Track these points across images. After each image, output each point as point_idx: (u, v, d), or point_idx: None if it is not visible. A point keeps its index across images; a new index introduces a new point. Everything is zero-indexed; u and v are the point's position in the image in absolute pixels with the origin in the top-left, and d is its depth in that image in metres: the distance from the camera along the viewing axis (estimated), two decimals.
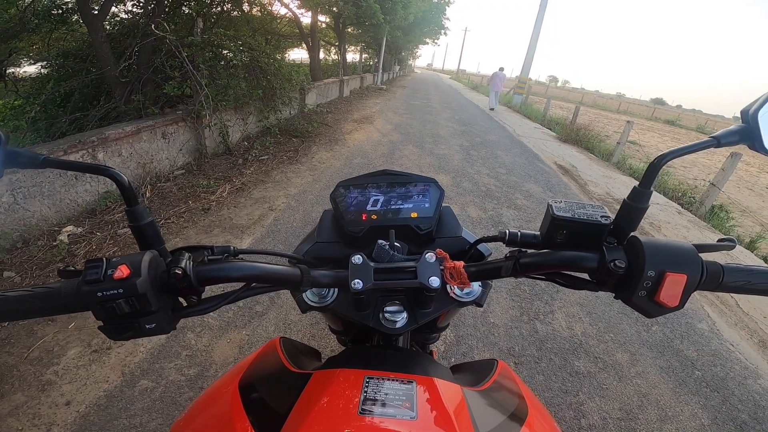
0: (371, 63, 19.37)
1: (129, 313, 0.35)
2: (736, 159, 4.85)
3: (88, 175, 2.74)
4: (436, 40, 24.70)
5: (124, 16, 4.48)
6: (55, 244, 2.29)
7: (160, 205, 3.02)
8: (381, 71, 17.21)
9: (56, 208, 2.51)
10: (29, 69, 5.11)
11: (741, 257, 3.80)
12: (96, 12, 3.53)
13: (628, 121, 7.82)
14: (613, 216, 0.44)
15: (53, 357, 1.58)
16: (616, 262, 0.40)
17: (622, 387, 1.81)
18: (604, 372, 1.88)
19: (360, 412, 0.38)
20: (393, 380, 0.43)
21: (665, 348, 2.15)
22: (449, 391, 0.44)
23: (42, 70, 4.43)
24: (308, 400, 0.42)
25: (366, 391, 0.41)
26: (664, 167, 0.53)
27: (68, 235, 2.41)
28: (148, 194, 3.13)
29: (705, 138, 0.39)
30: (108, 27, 4.18)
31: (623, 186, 5.81)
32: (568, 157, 7.25)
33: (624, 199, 0.43)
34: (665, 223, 4.42)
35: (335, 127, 6.91)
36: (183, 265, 0.39)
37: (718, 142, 0.39)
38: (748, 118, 0.39)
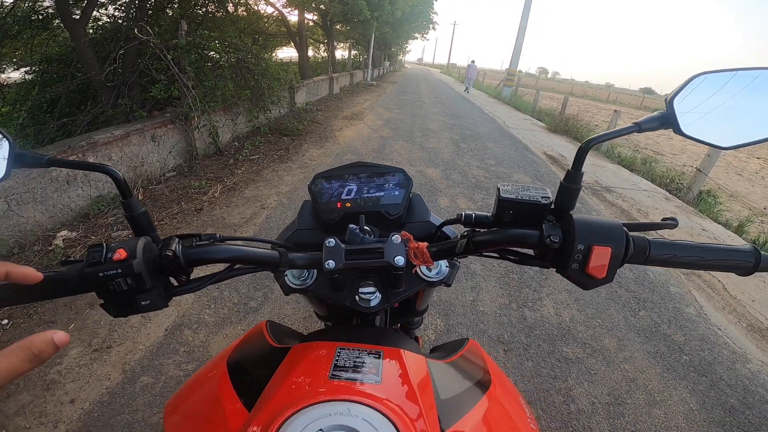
0: (361, 59, 19.31)
1: (126, 291, 0.40)
2: None
3: (80, 180, 2.75)
4: (425, 35, 24.70)
5: (106, 20, 4.43)
6: (50, 248, 2.31)
7: (152, 207, 3.04)
8: (371, 67, 17.16)
9: (50, 214, 2.52)
10: (13, 75, 5.04)
11: (728, 242, 3.90)
12: (77, 17, 3.50)
13: (615, 110, 7.92)
14: (552, 197, 0.48)
15: (56, 357, 1.61)
16: (551, 237, 0.45)
17: (610, 372, 1.86)
18: (593, 357, 1.94)
19: (330, 377, 0.42)
20: (362, 351, 0.47)
21: (653, 333, 2.20)
22: (413, 360, 0.48)
23: (26, 76, 4.38)
24: (286, 369, 0.47)
25: (337, 360, 0.45)
26: (652, 155, 0.58)
27: (63, 240, 2.43)
28: (140, 197, 3.14)
29: (629, 124, 0.43)
30: (91, 32, 4.14)
31: (611, 174, 5.90)
32: (557, 147, 7.34)
33: (560, 181, 0.48)
34: (653, 209, 4.51)
35: (326, 124, 6.92)
36: (173, 248, 0.44)
37: (639, 127, 0.43)
38: (666, 104, 0.43)
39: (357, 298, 0.59)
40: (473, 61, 18.62)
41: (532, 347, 1.96)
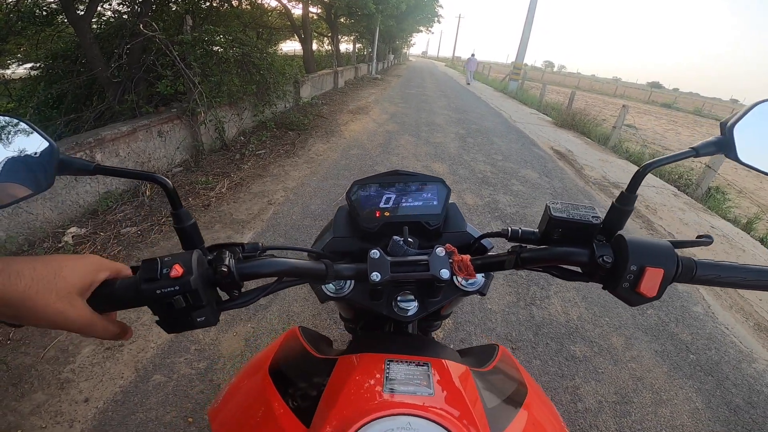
0: (365, 53, 19.14)
1: (184, 308, 0.40)
2: None
3: (87, 177, 2.76)
4: (429, 28, 24.44)
5: (111, 15, 4.41)
6: (60, 245, 2.33)
7: (160, 203, 3.05)
8: (375, 61, 17.01)
9: (59, 210, 2.53)
10: (19, 71, 5.04)
11: (737, 239, 3.87)
12: (82, 13, 3.49)
13: (623, 105, 7.81)
14: (602, 216, 0.49)
15: (69, 356, 1.63)
16: (604, 257, 0.46)
17: (618, 371, 1.86)
18: (600, 356, 1.94)
19: (385, 391, 0.43)
20: (410, 363, 0.48)
21: (660, 332, 2.20)
22: (458, 371, 0.49)
23: (31, 72, 4.37)
24: (337, 382, 0.47)
25: (388, 372, 0.46)
26: (660, 150, 0.59)
27: (72, 237, 2.45)
28: (148, 192, 3.15)
29: (685, 149, 0.44)
30: (96, 27, 4.11)
31: (619, 170, 5.85)
32: (564, 142, 7.27)
33: (612, 202, 0.49)
34: (661, 206, 4.47)
35: (331, 118, 6.89)
36: (227, 263, 0.43)
37: (696, 152, 0.44)
38: (725, 130, 0.44)
39: (394, 306, 0.59)
40: (473, 55, 20.31)
41: (540, 345, 1.96)
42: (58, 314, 0.34)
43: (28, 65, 4.56)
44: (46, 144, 0.41)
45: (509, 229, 0.55)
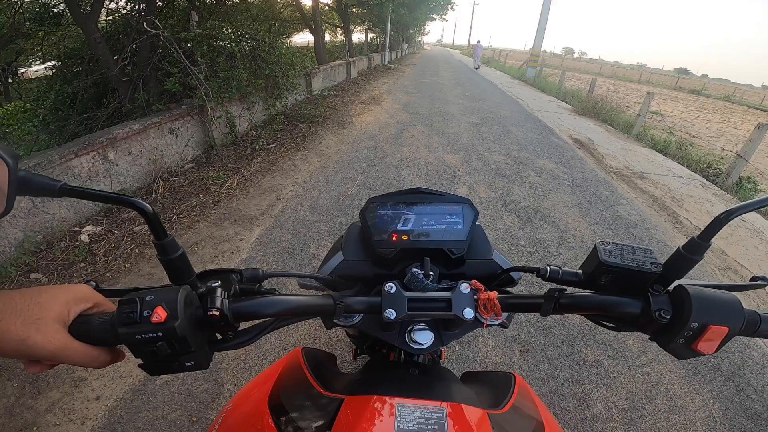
0: (378, 42, 18.87)
1: (170, 353, 0.36)
2: (763, 130, 4.59)
3: (101, 175, 2.82)
4: (443, 16, 23.93)
5: (116, 14, 4.44)
6: (76, 244, 2.39)
7: (172, 200, 3.09)
8: (388, 50, 16.76)
9: (74, 210, 2.60)
10: (40, 68, 5.19)
11: None
12: (87, 13, 3.52)
13: (648, 92, 7.44)
14: (662, 261, 0.43)
15: None
16: (661, 312, 0.40)
17: (631, 376, 1.78)
18: (613, 360, 1.86)
19: None
20: (423, 408, 0.44)
21: None
22: (476, 416, 0.45)
23: (47, 72, 4.48)
24: (343, 429, 0.43)
25: (399, 421, 0.42)
26: (687, 138, 0.52)
27: (88, 235, 2.51)
28: (160, 189, 3.20)
29: None
30: (102, 26, 4.15)
31: (643, 159, 5.59)
32: (584, 131, 7.01)
33: (678, 248, 0.42)
34: (687, 197, 4.26)
35: (343, 110, 6.84)
36: (218, 305, 0.39)
37: None
38: None
39: (407, 338, 0.55)
40: (479, 41, 22.60)
41: (550, 348, 1.89)
42: (18, 342, 0.33)
43: (49, 64, 4.67)
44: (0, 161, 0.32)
45: (548, 268, 0.49)
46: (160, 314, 0.35)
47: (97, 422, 1.40)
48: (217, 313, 0.38)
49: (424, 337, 0.53)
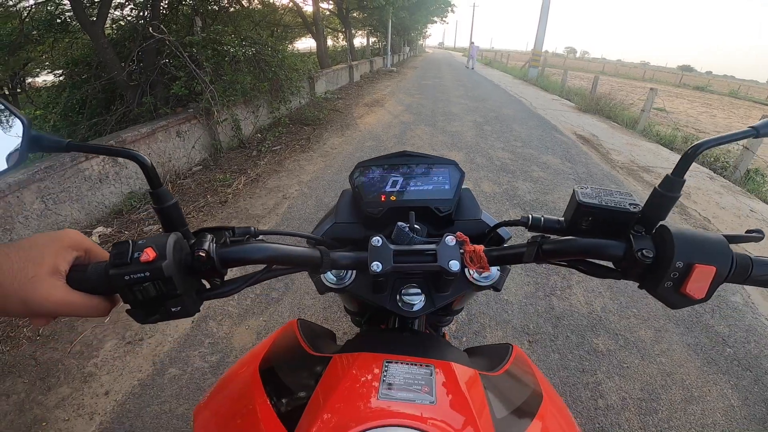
0: (380, 46, 18.99)
1: (156, 297, 0.36)
2: None
3: (111, 177, 2.86)
4: (443, 18, 24.14)
5: (122, 21, 4.52)
6: None
7: (180, 201, 3.07)
8: (390, 53, 16.85)
9: (85, 211, 2.64)
10: (48, 78, 5.30)
11: None
12: (94, 19, 3.59)
13: (651, 88, 7.40)
14: (641, 203, 0.43)
15: (93, 350, 1.69)
16: (643, 251, 0.39)
17: (645, 366, 1.75)
18: (625, 350, 1.83)
19: (380, 397, 0.39)
20: (411, 364, 0.43)
21: (694, 323, 2.05)
22: (466, 375, 0.44)
23: (56, 79, 4.56)
24: (328, 384, 0.43)
25: (385, 375, 0.41)
26: (694, 133, 0.51)
27: (99, 236, 2.54)
28: (171, 189, 3.23)
29: (744, 128, 0.38)
30: (109, 32, 4.23)
31: (649, 153, 5.55)
32: (588, 127, 6.97)
33: (655, 187, 0.42)
34: (695, 189, 4.21)
35: (346, 112, 6.88)
36: (206, 247, 0.39)
37: (757, 132, 0.38)
38: None
39: (398, 300, 0.55)
40: (473, 42, 23.99)
41: (560, 338, 1.87)
42: (20, 303, 0.33)
43: (57, 71, 4.76)
44: (17, 120, 0.39)
45: (530, 216, 0.48)
46: (149, 254, 0.35)
47: (106, 417, 1.41)
48: (203, 255, 0.38)
49: (414, 298, 0.54)
